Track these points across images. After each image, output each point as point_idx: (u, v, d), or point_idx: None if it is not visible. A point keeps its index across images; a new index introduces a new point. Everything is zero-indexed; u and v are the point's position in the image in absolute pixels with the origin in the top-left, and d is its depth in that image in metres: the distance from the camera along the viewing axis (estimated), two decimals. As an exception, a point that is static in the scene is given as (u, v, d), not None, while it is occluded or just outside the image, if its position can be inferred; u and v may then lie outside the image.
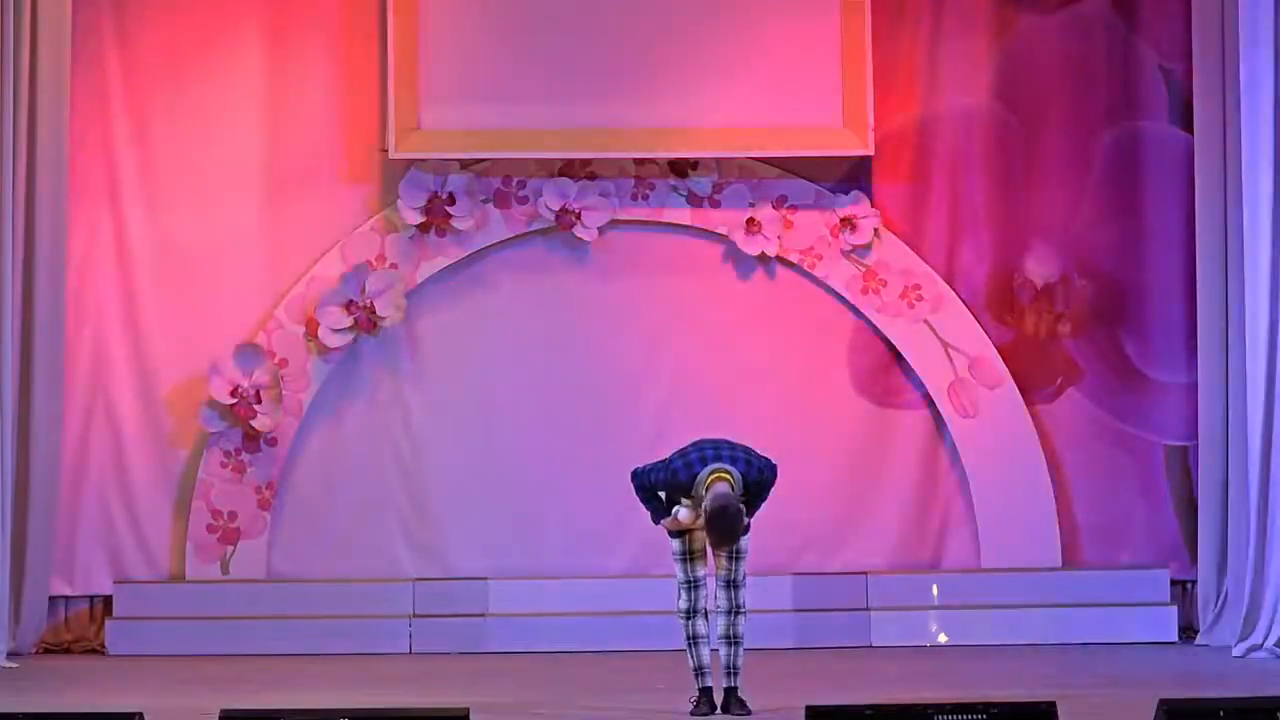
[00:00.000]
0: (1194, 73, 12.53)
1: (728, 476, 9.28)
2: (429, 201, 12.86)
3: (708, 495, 9.21)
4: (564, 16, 12.76)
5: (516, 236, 12.97)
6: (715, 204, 12.97)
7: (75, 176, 12.58)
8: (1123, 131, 13.04)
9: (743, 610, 9.58)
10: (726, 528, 9.18)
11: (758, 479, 9.44)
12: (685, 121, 12.74)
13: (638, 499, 9.68)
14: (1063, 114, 13.03)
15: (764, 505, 9.57)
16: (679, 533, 9.58)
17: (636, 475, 9.65)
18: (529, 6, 12.79)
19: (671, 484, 9.47)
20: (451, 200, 12.87)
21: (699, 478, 9.33)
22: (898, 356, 13.00)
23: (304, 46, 12.91)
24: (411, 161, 12.83)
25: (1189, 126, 12.65)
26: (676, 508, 9.44)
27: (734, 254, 12.99)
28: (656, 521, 9.61)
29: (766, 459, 9.48)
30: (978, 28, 13.04)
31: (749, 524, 9.53)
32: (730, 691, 9.58)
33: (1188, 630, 12.57)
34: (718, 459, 9.35)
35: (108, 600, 12.67)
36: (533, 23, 12.75)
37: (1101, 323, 13.06)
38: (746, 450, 9.48)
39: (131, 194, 12.87)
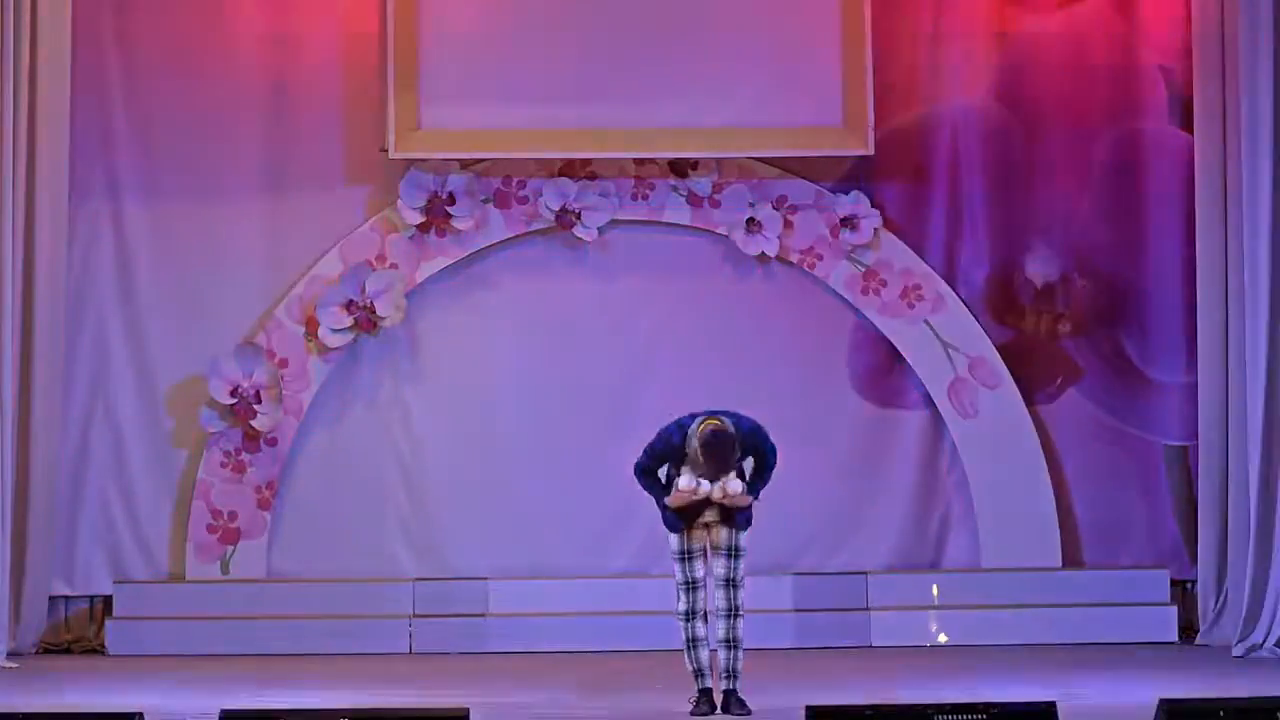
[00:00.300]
0: (1194, 73, 12.52)
1: (719, 421, 9.41)
2: (429, 201, 12.86)
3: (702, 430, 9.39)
4: (564, 17, 12.75)
5: (516, 236, 12.97)
6: (715, 204, 12.97)
7: (75, 176, 12.58)
8: (1123, 131, 13.03)
9: (741, 613, 9.58)
10: (721, 450, 9.33)
11: (751, 430, 9.56)
12: (685, 121, 12.73)
13: (641, 487, 9.69)
14: (1063, 114, 13.02)
15: (766, 488, 9.61)
16: (677, 530, 9.58)
17: (638, 464, 9.68)
18: (529, 7, 12.79)
19: (667, 449, 9.55)
20: (451, 200, 12.87)
21: (691, 430, 9.41)
22: (898, 356, 12.99)
23: (304, 46, 12.90)
24: (411, 161, 12.82)
25: (1189, 126, 12.64)
26: (677, 479, 9.48)
27: (734, 254, 12.99)
28: (663, 504, 9.61)
29: (759, 424, 9.61)
30: (978, 28, 13.03)
31: (750, 515, 9.57)
32: (730, 692, 9.59)
33: (1188, 630, 12.56)
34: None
35: (108, 600, 12.67)
36: (533, 23, 12.74)
37: (1101, 323, 13.06)
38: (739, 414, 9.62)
39: (131, 194, 12.87)
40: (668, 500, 9.59)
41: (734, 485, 9.50)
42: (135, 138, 12.87)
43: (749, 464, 9.66)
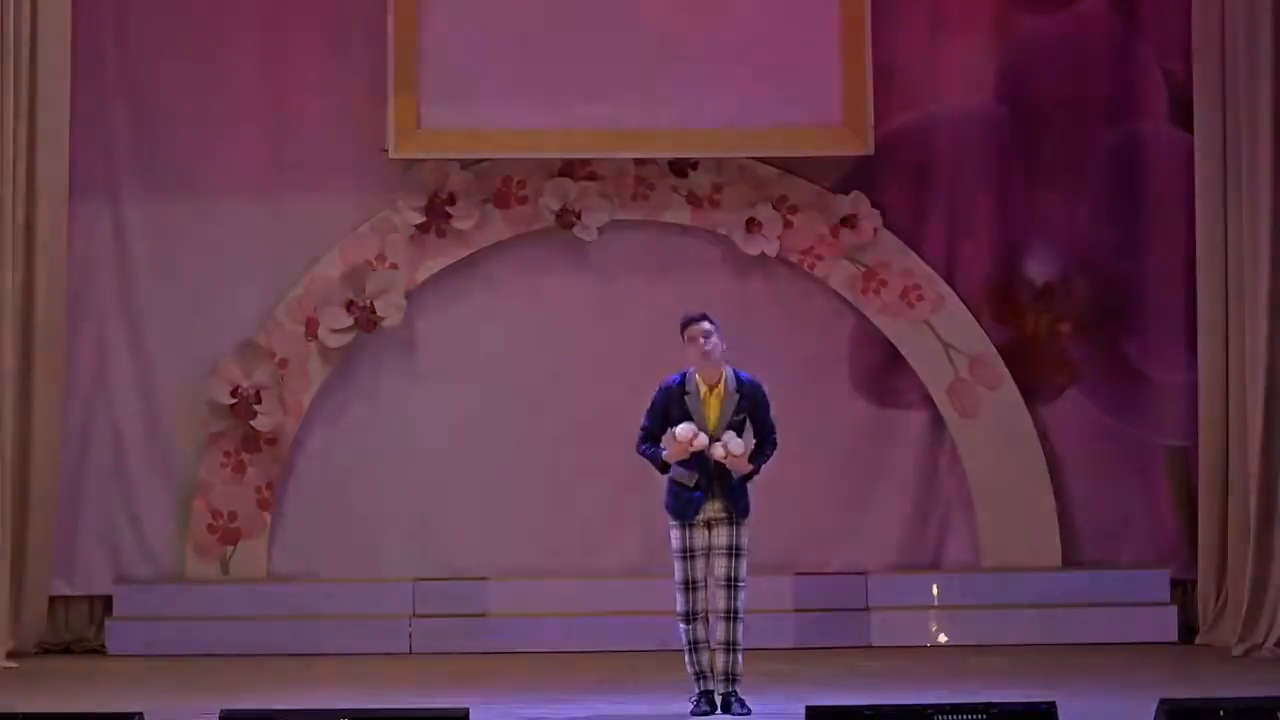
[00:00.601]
0: (1194, 73, 12.51)
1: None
2: (429, 201, 12.86)
3: None
4: (564, 17, 12.75)
5: (516, 236, 12.97)
6: (715, 204, 12.96)
7: (75, 176, 12.56)
8: (1123, 131, 13.03)
9: (740, 615, 9.58)
10: (694, 313, 9.71)
11: (750, 381, 9.67)
12: (685, 121, 12.74)
13: (643, 456, 9.75)
14: (1063, 114, 13.02)
15: (768, 488, 9.64)
16: (680, 514, 9.56)
17: (640, 430, 9.78)
18: (529, 7, 12.79)
19: (668, 398, 9.68)
20: (451, 200, 12.87)
21: (687, 371, 9.60)
22: (898, 356, 12.99)
23: (305, 46, 12.90)
24: (411, 161, 12.83)
25: (1189, 126, 12.63)
26: (675, 429, 9.49)
27: (734, 254, 12.99)
28: (664, 466, 9.62)
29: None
30: (978, 28, 13.03)
31: (749, 504, 9.59)
32: (730, 693, 9.60)
33: (1188, 630, 12.56)
34: None
35: (108, 600, 12.66)
36: (533, 23, 12.74)
37: (1101, 323, 13.05)
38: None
39: (132, 194, 12.87)
40: (665, 454, 9.58)
41: (735, 444, 9.52)
42: (135, 138, 12.87)
43: (750, 439, 9.70)
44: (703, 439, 9.55)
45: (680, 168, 12.95)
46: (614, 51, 12.74)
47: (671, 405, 9.67)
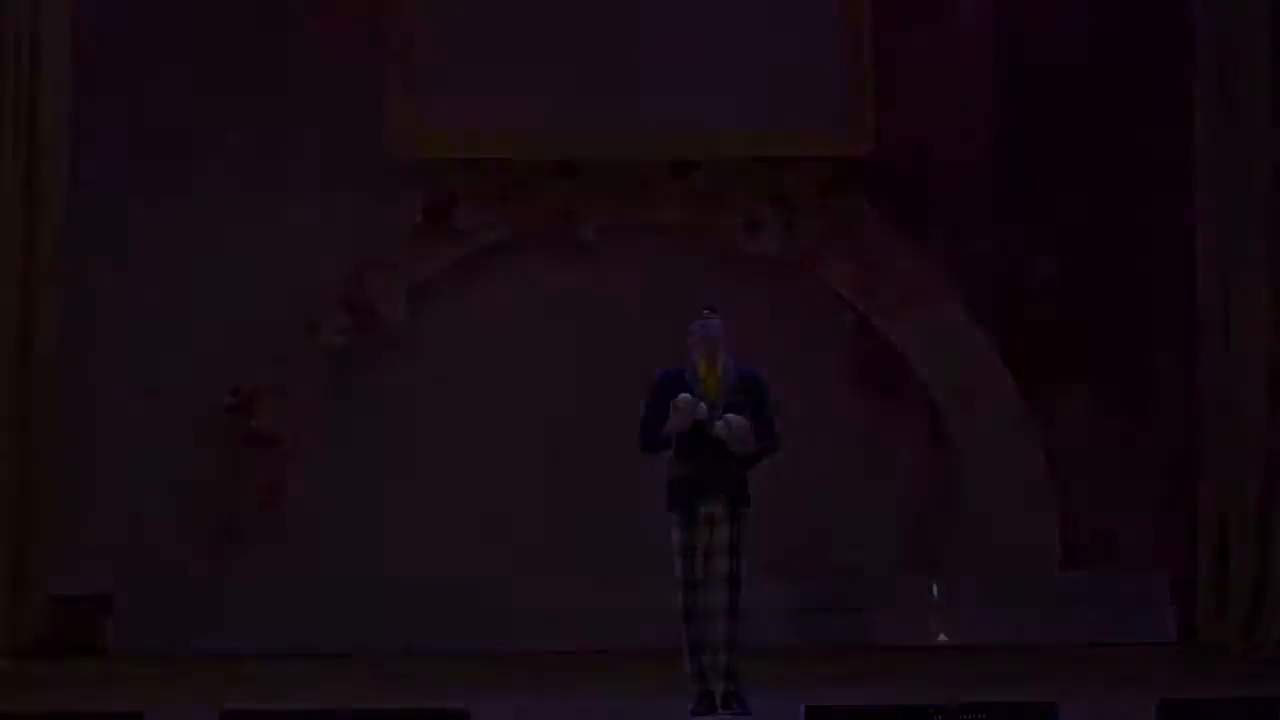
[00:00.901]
0: (1194, 72, 12.52)
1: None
2: (429, 201, 12.86)
3: None
4: (564, 18, 12.76)
5: (516, 236, 12.97)
6: (715, 204, 12.96)
7: (75, 176, 12.57)
8: (1123, 131, 13.03)
9: (740, 614, 9.57)
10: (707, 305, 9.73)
11: (752, 370, 9.68)
12: (685, 121, 12.74)
13: (645, 446, 9.74)
14: (1064, 112, 13.02)
15: (767, 459, 9.65)
16: (680, 507, 9.56)
17: (640, 421, 9.74)
18: (530, 7, 12.79)
19: (664, 382, 9.65)
20: (452, 200, 12.87)
21: (686, 357, 9.60)
22: (898, 356, 12.99)
23: (304, 46, 12.90)
24: (412, 161, 12.83)
25: (1189, 125, 12.62)
26: (675, 400, 9.48)
27: (734, 254, 12.99)
28: (666, 442, 9.60)
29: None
30: (978, 27, 13.03)
31: (748, 496, 9.59)
32: (729, 692, 9.59)
33: (1188, 630, 12.55)
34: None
35: (108, 599, 12.66)
36: (533, 23, 12.75)
37: (1101, 322, 13.05)
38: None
39: (132, 194, 12.88)
40: (668, 425, 9.56)
41: (737, 420, 9.50)
42: (135, 137, 12.87)
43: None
44: (704, 408, 9.55)
45: (680, 168, 12.95)
46: (615, 52, 12.75)
47: (671, 387, 9.67)
